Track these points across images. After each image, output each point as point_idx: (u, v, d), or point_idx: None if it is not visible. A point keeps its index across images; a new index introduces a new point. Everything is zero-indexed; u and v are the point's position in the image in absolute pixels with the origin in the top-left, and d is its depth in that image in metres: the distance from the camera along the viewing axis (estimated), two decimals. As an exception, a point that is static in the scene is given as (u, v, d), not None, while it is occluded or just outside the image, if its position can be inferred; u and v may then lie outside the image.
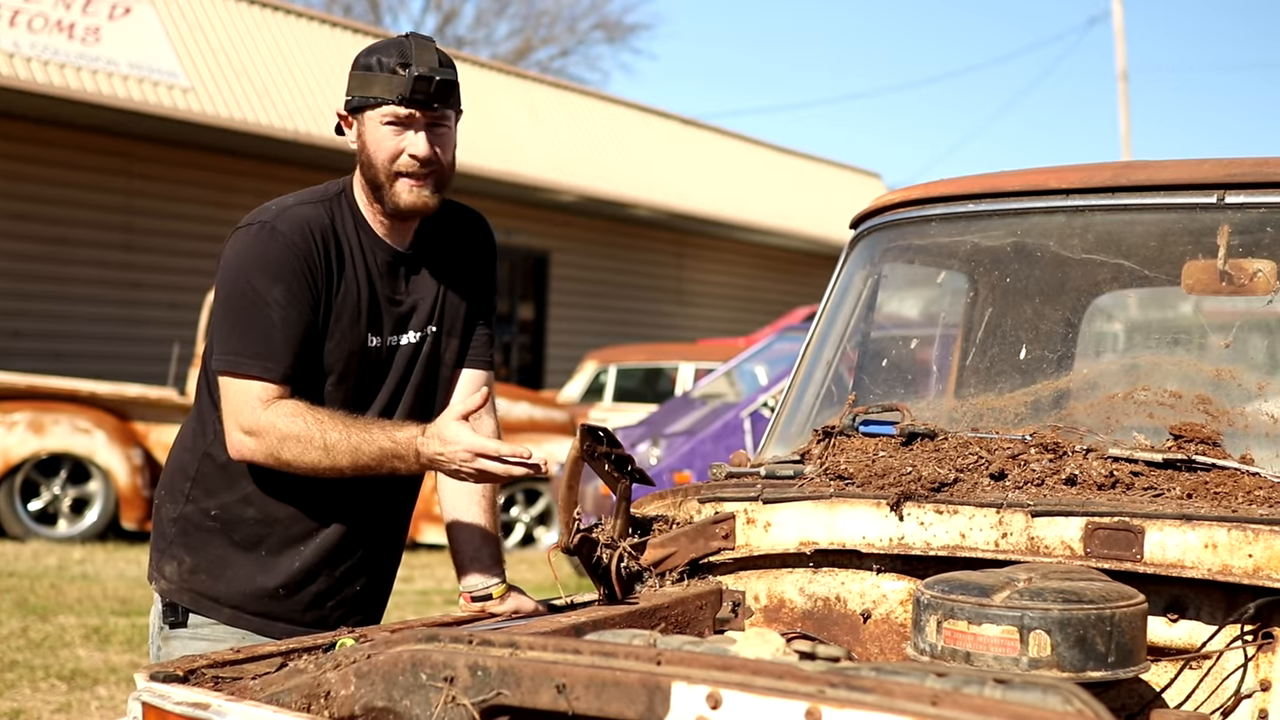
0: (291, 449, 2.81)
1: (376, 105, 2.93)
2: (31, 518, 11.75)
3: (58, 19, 15.64)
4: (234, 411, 2.87)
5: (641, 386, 15.95)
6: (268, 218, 2.93)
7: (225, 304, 2.92)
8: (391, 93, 2.91)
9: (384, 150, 2.94)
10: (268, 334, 2.86)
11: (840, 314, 3.50)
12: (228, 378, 2.88)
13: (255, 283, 2.87)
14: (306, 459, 2.81)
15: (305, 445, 2.80)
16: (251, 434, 2.84)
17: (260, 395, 2.84)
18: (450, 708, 1.96)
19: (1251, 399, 2.85)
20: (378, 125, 2.94)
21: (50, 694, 6.75)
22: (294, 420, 2.82)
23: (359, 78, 2.97)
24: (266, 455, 2.85)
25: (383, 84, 2.92)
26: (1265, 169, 2.92)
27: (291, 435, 2.81)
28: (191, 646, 2.93)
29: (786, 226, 25.27)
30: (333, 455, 2.80)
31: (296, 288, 2.87)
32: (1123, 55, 29.25)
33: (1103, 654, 2.21)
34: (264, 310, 2.86)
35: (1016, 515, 2.65)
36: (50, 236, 16.47)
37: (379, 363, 3.01)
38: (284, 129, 17.17)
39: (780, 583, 2.97)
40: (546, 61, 39.97)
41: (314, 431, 2.80)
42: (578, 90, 24.85)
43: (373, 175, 2.96)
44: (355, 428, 2.82)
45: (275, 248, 2.88)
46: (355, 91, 2.98)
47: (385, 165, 2.94)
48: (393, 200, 2.96)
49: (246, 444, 2.86)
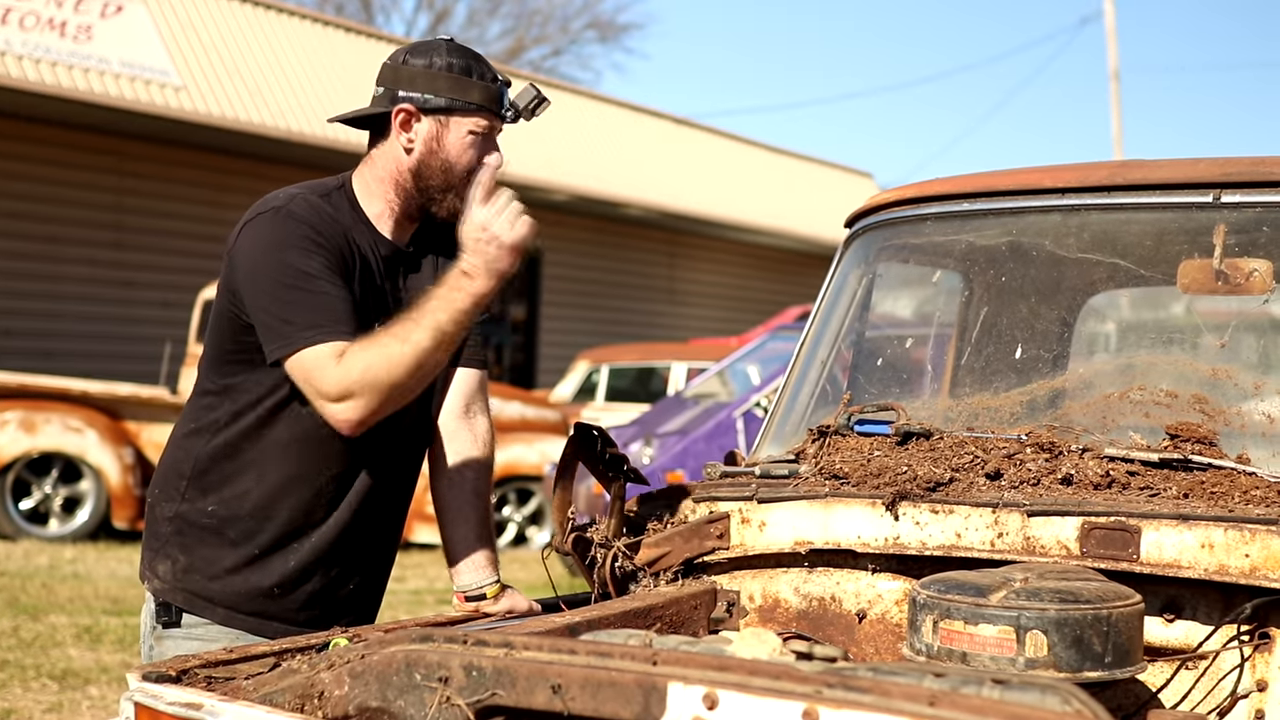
0: (383, 369, 2.69)
1: (475, 112, 2.92)
2: (23, 517, 11.73)
3: (49, 17, 15.62)
4: (317, 385, 2.75)
5: (634, 386, 15.95)
6: (279, 204, 2.88)
7: (268, 290, 2.81)
8: (493, 103, 2.91)
9: (466, 158, 2.93)
10: (322, 303, 2.78)
11: (835, 313, 3.49)
12: (298, 354, 2.76)
13: (291, 260, 2.80)
14: (400, 366, 2.69)
15: (388, 355, 2.69)
16: (347, 393, 2.72)
17: (333, 355, 2.73)
18: (445, 708, 1.95)
19: (1248, 398, 2.84)
20: (465, 132, 2.92)
21: (41, 694, 6.74)
22: (362, 350, 2.71)
23: (451, 80, 2.91)
24: (371, 398, 2.72)
25: (482, 91, 2.91)
26: (1261, 168, 2.92)
27: (374, 358, 2.70)
28: (185, 646, 2.91)
29: (779, 226, 25.29)
30: (414, 340, 2.69)
31: (330, 260, 2.83)
32: (1114, 55, 29.28)
33: (1099, 654, 2.20)
34: (311, 282, 2.79)
35: (1012, 515, 2.64)
36: (41, 235, 16.46)
37: None
38: (276, 128, 17.16)
39: (775, 582, 2.96)
40: (539, 61, 40.02)
41: (384, 340, 2.71)
42: (570, 89, 24.85)
43: (441, 180, 2.94)
44: (405, 319, 2.74)
45: (297, 227, 2.83)
46: (448, 93, 2.91)
47: (462, 172, 2.92)
48: (452, 207, 2.94)
49: (349, 407, 2.73)
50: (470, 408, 3.16)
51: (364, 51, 19.30)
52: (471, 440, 3.15)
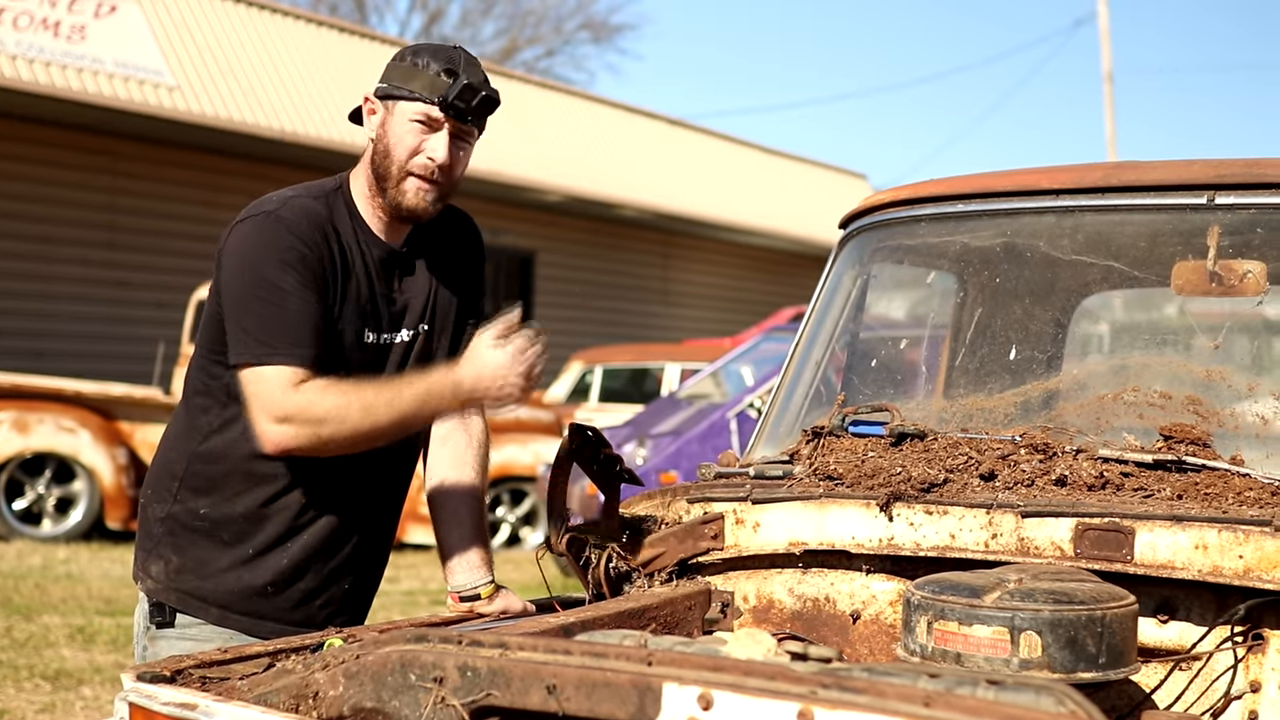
0: (332, 421, 2.74)
1: (412, 99, 2.90)
2: (16, 517, 11.73)
3: (43, 17, 15.61)
4: (263, 404, 2.79)
5: (627, 387, 15.96)
6: (270, 208, 2.89)
7: (239, 296, 2.85)
8: (432, 92, 2.88)
9: (404, 145, 2.91)
10: (287, 321, 2.80)
11: (829, 314, 3.49)
12: (252, 370, 2.80)
13: (267, 272, 2.82)
14: (348, 426, 2.75)
15: (343, 413, 2.74)
16: (286, 420, 2.76)
17: (290, 380, 2.77)
18: (439, 708, 1.95)
19: (1241, 400, 2.85)
20: (405, 119, 2.91)
21: (35, 694, 6.73)
22: (325, 394, 2.76)
23: (401, 70, 2.93)
24: (307, 437, 2.77)
25: (425, 82, 2.89)
26: (1255, 170, 2.92)
27: (328, 406, 2.74)
28: (179, 646, 2.91)
29: (773, 227, 25.30)
30: (373, 414, 2.74)
31: (307, 274, 2.83)
32: (1109, 57, 29.34)
33: (1093, 655, 2.20)
34: (281, 298, 2.81)
35: (1006, 516, 2.64)
36: (35, 235, 16.44)
37: (374, 359, 2.99)
38: (270, 128, 17.15)
39: (769, 583, 2.96)
40: (533, 61, 40.02)
41: (349, 397, 2.75)
42: (564, 90, 24.86)
43: (385, 167, 2.94)
44: (386, 384, 2.80)
45: (282, 236, 2.84)
46: (394, 81, 2.93)
47: (401, 160, 2.92)
48: (396, 198, 2.94)
49: (283, 432, 2.77)
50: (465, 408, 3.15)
51: (358, 52, 19.30)
52: (466, 441, 3.16)
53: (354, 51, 19.27)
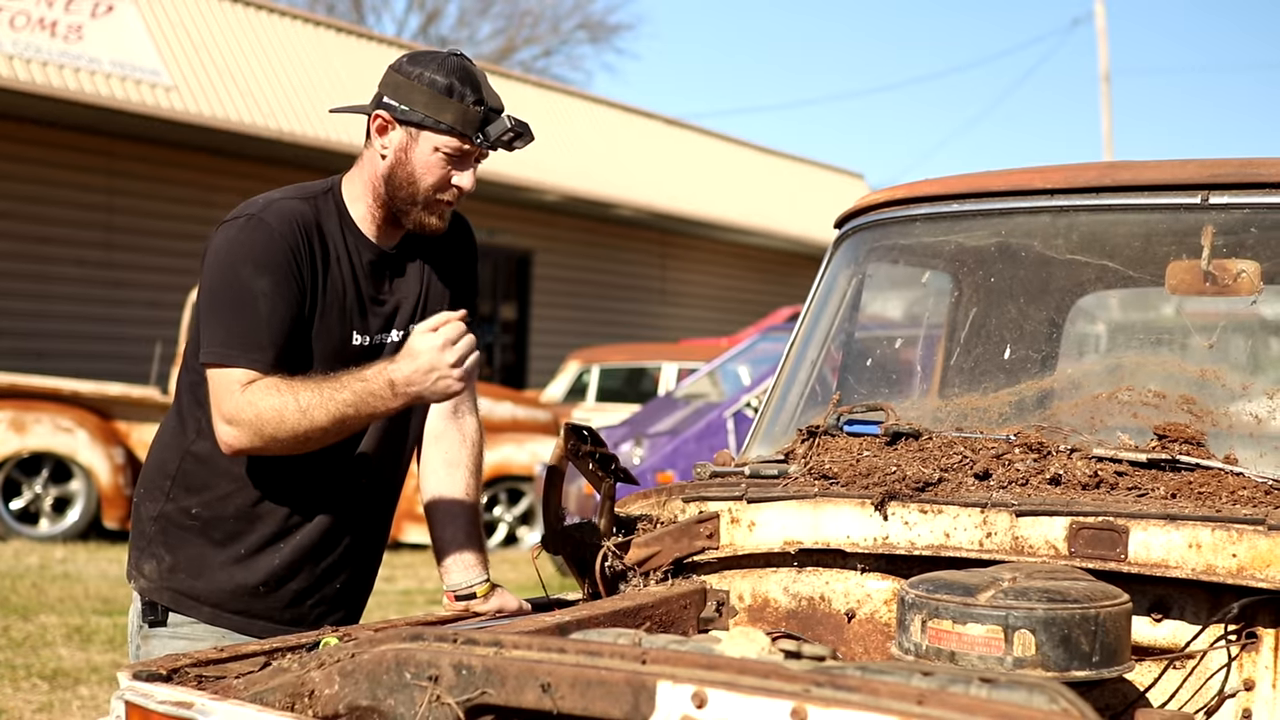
0: (271, 421, 2.74)
1: (447, 134, 2.88)
2: (13, 517, 11.72)
3: (40, 17, 15.59)
4: (217, 403, 2.81)
5: (624, 386, 15.95)
6: (254, 210, 2.89)
7: (211, 297, 2.87)
8: (466, 127, 2.87)
9: (433, 176, 2.91)
10: (254, 325, 2.81)
11: (825, 313, 3.50)
12: (211, 371, 2.83)
13: (242, 274, 2.83)
14: (286, 426, 2.74)
15: (282, 412, 2.73)
16: (233, 421, 2.78)
17: (241, 383, 2.79)
18: (435, 707, 1.95)
19: (1235, 399, 2.85)
20: (431, 149, 2.89)
21: (32, 693, 6.73)
22: (267, 393, 2.75)
23: (428, 96, 2.87)
24: (251, 437, 2.77)
25: (457, 113, 2.86)
26: (1249, 170, 2.93)
27: (268, 407, 2.74)
28: (171, 645, 2.92)
29: (769, 227, 25.29)
30: (310, 415, 2.72)
31: (283, 279, 2.84)
32: (1105, 57, 29.36)
33: (1087, 653, 2.21)
34: (251, 302, 2.82)
35: (1001, 515, 2.65)
36: (32, 235, 16.42)
37: (363, 361, 2.98)
38: (267, 128, 17.13)
39: (764, 582, 2.97)
40: (530, 61, 39.96)
41: (287, 397, 2.73)
42: (561, 90, 24.84)
43: (408, 193, 2.93)
44: (326, 382, 2.76)
45: (262, 239, 2.84)
46: (422, 108, 2.88)
47: (429, 190, 2.92)
48: (419, 221, 2.96)
49: (231, 433, 2.79)
50: (458, 408, 3.15)
51: (355, 52, 19.28)
52: (460, 440, 3.15)
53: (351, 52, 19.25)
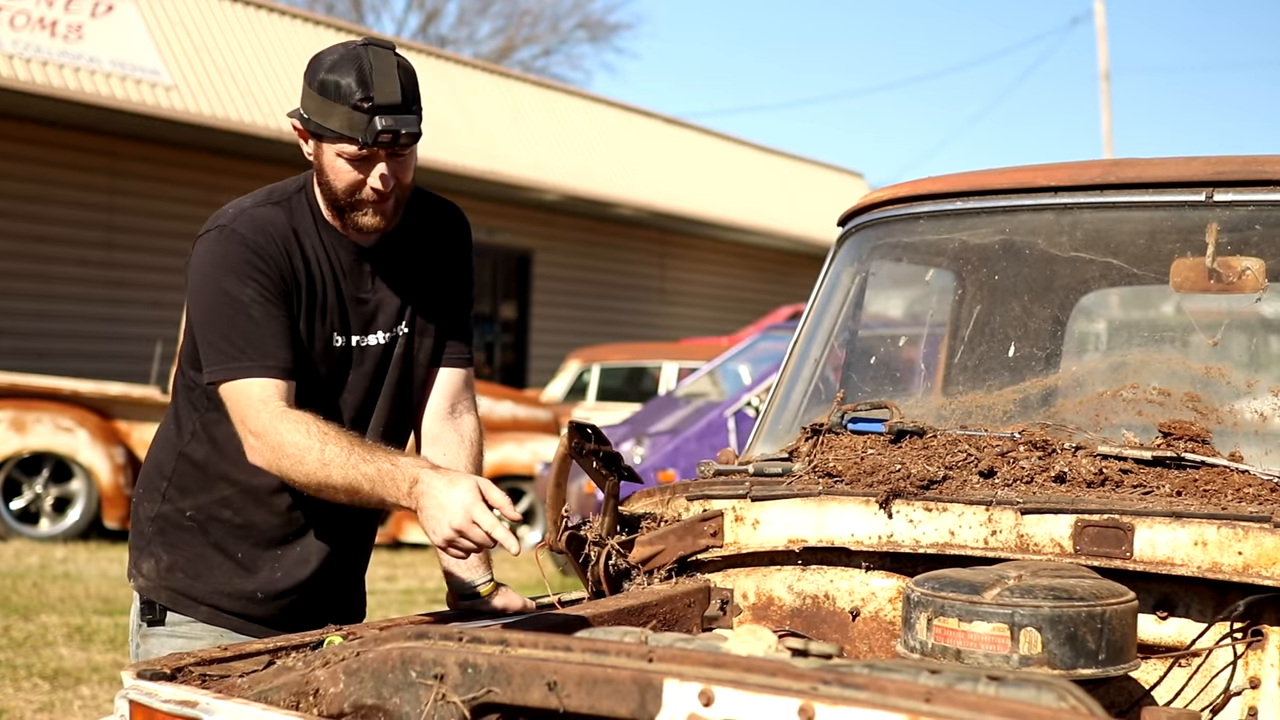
0: (290, 458, 2.66)
1: (336, 140, 2.76)
2: (13, 516, 11.71)
3: (40, 16, 15.58)
4: (240, 417, 2.74)
5: (625, 386, 15.94)
6: (225, 221, 2.85)
7: (202, 315, 2.82)
8: (353, 132, 2.72)
9: (344, 181, 2.80)
10: (251, 333, 2.76)
11: (828, 312, 3.49)
12: (226, 386, 2.77)
13: (226, 286, 2.78)
14: (303, 470, 2.65)
15: (303, 455, 2.64)
16: (256, 436, 2.71)
17: (260, 394, 2.73)
18: (440, 705, 1.95)
19: (1240, 396, 2.85)
20: (335, 154, 2.78)
21: (33, 693, 6.72)
22: (297, 428, 2.67)
23: (316, 101, 2.76)
24: (267, 460, 2.71)
25: (342, 119, 2.72)
26: (1253, 167, 2.93)
27: (291, 443, 2.65)
28: (169, 644, 2.92)
29: (770, 226, 25.29)
30: (328, 469, 2.62)
31: (267, 285, 2.79)
32: (1105, 55, 29.35)
33: (1093, 651, 2.21)
34: (242, 310, 2.77)
35: (1006, 513, 2.65)
36: (32, 235, 16.41)
37: (348, 364, 2.95)
38: (267, 127, 17.12)
39: (769, 580, 2.96)
40: (529, 61, 39.97)
41: (314, 442, 2.64)
42: (560, 89, 24.83)
43: (330, 196, 2.85)
44: (358, 446, 2.65)
45: (237, 249, 2.79)
46: (313, 115, 2.77)
47: (345, 194, 2.82)
48: (354, 223, 2.86)
49: (254, 448, 2.73)
50: (455, 408, 3.11)
51: (355, 51, 19.25)
52: (458, 441, 3.10)
53: (351, 51, 19.23)
